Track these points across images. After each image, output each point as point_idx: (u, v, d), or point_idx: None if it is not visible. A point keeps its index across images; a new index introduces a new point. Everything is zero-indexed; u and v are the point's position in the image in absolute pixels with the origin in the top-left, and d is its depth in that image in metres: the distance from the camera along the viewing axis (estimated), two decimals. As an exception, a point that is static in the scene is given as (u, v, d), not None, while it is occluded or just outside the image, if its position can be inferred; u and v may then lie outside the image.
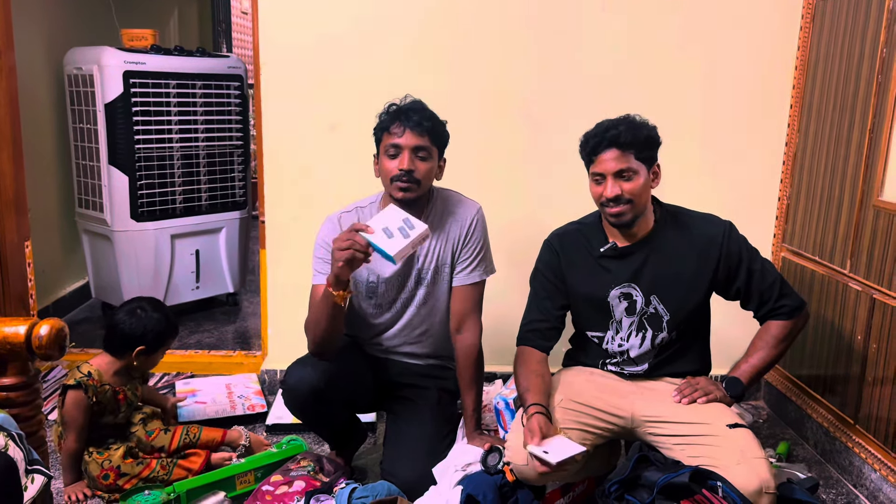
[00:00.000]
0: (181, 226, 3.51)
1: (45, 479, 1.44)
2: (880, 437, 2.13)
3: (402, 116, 1.95)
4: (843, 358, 2.31)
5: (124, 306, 2.25)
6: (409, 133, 1.94)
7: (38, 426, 1.65)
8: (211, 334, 3.51)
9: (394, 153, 1.96)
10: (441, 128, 2.01)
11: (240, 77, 3.63)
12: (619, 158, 1.83)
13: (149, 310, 2.21)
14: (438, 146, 2.02)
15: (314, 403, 1.98)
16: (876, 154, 2.15)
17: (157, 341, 2.21)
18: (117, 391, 2.17)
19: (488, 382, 2.62)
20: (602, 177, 1.86)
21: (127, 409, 2.22)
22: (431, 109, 2.01)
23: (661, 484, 1.67)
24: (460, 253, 2.06)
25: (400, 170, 1.94)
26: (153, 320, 2.19)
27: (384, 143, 1.98)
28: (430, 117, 1.98)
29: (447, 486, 1.91)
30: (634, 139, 1.84)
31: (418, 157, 1.96)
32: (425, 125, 1.95)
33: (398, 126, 1.95)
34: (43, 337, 1.52)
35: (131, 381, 2.24)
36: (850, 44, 2.31)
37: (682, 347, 1.99)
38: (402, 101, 2.00)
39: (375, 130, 2.02)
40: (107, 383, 2.14)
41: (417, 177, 1.95)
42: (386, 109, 2.01)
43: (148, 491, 2.00)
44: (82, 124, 3.37)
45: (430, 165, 1.99)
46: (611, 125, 1.86)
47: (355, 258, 1.79)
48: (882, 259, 2.12)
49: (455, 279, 2.07)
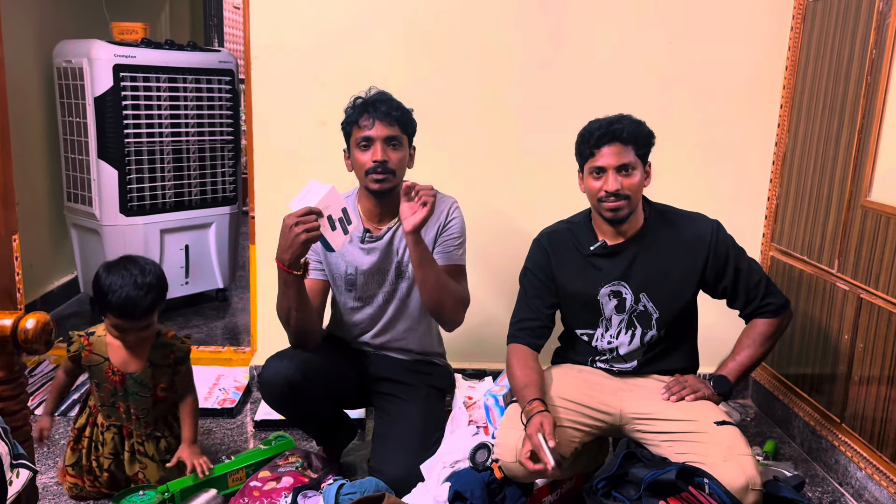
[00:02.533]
0: (171, 221, 3.50)
1: (31, 474, 1.43)
2: (866, 436, 2.14)
3: (370, 108, 1.96)
4: (830, 357, 2.33)
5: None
6: (378, 124, 1.95)
7: (24, 421, 1.63)
8: (200, 330, 3.50)
9: (365, 145, 1.97)
10: (409, 116, 2.02)
11: (231, 72, 3.61)
12: (621, 153, 1.84)
13: (129, 269, 1.91)
14: (408, 134, 2.03)
15: (291, 396, 1.97)
16: (864, 154, 2.16)
17: (106, 307, 1.91)
18: (115, 371, 1.98)
19: (477, 379, 2.62)
20: (602, 171, 1.86)
21: (111, 395, 2.01)
22: (396, 98, 2.01)
23: (648, 480, 1.68)
24: (438, 243, 2.06)
25: (374, 161, 1.95)
26: (117, 282, 1.89)
27: (354, 137, 1.99)
28: (397, 107, 1.99)
29: (435, 483, 1.91)
30: (636, 135, 1.86)
31: (390, 146, 1.97)
32: (394, 115, 1.96)
33: (367, 118, 1.96)
34: (29, 331, 1.50)
35: (154, 369, 2.00)
36: (839, 45, 2.32)
37: (671, 345, 2.00)
38: (368, 94, 2.01)
39: (344, 125, 2.03)
40: (100, 354, 1.99)
41: (392, 167, 1.97)
42: (352, 103, 2.02)
43: (142, 491, 1.98)
44: (71, 118, 3.35)
45: (402, 154, 2.00)
46: (614, 120, 1.87)
47: (309, 240, 1.79)
48: (869, 259, 2.14)
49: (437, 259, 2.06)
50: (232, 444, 2.45)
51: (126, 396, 2.03)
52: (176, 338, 2.08)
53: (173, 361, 2.06)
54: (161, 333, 2.06)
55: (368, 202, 2.06)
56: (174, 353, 2.06)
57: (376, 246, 2.06)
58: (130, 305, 1.89)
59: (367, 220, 2.08)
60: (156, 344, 2.03)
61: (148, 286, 1.91)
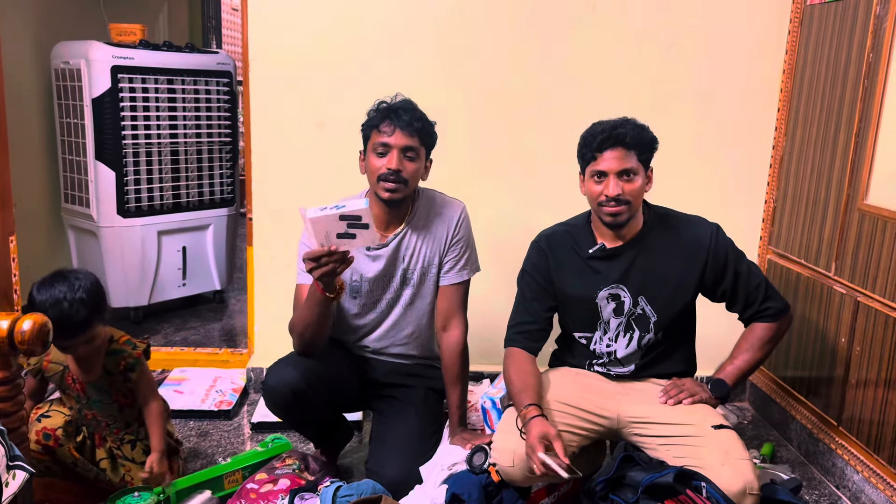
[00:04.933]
0: (168, 222, 3.49)
1: (27, 476, 1.42)
2: (863, 439, 2.14)
3: (392, 115, 1.95)
4: (828, 360, 2.33)
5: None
6: (399, 133, 1.93)
7: (20, 422, 1.63)
8: (197, 331, 3.49)
9: (382, 151, 1.95)
10: (430, 128, 2.00)
11: (229, 73, 3.61)
12: (624, 158, 1.84)
13: (57, 286, 1.80)
14: (426, 146, 2.01)
15: (295, 404, 1.96)
16: (861, 158, 2.17)
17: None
18: (75, 379, 1.92)
19: (476, 382, 2.62)
20: (604, 175, 1.85)
21: (77, 401, 1.95)
22: (421, 109, 2.00)
23: (646, 484, 1.68)
24: (447, 253, 2.06)
25: (388, 169, 1.93)
26: (46, 301, 1.79)
27: (373, 141, 1.97)
28: (420, 117, 1.97)
29: (432, 485, 1.91)
30: (639, 140, 1.85)
31: (407, 157, 1.95)
32: (415, 125, 1.95)
33: (388, 125, 1.94)
34: (25, 332, 1.50)
35: (110, 376, 1.94)
36: (836, 48, 2.33)
37: (669, 349, 2.00)
38: (393, 100, 1.99)
39: (364, 127, 2.01)
40: (59, 362, 1.91)
41: (405, 176, 1.95)
42: (376, 106, 2.00)
43: (137, 493, 1.96)
44: (69, 119, 3.34)
45: (417, 166, 1.98)
46: (618, 124, 1.86)
47: (336, 271, 1.78)
48: (866, 262, 2.14)
49: (442, 279, 2.07)
50: (229, 446, 2.45)
51: (90, 404, 1.97)
52: (128, 343, 1.98)
53: (124, 368, 1.95)
54: (113, 339, 1.96)
55: (377, 208, 2.03)
56: (124, 359, 1.95)
57: (382, 253, 2.05)
58: (63, 324, 1.75)
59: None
60: (108, 350, 1.94)
61: (79, 301, 1.79)
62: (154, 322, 3.55)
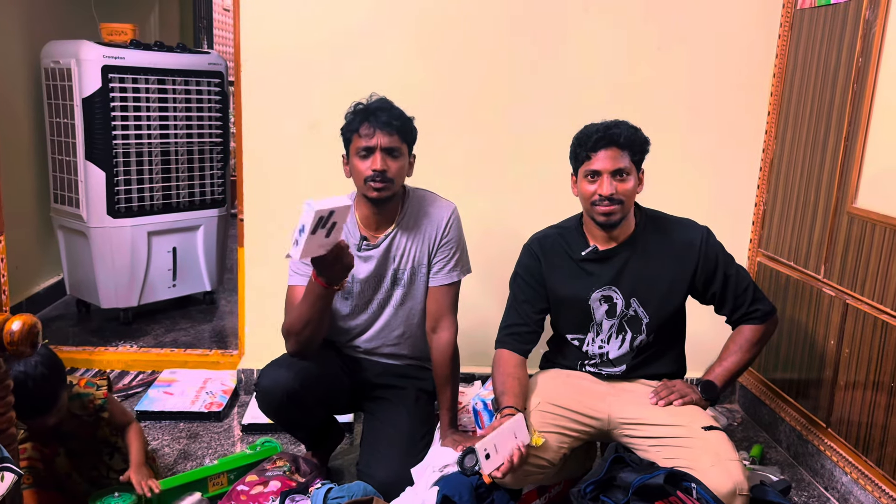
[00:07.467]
0: (158, 223, 3.47)
1: (15, 477, 1.41)
2: (851, 441, 2.16)
3: (370, 117, 1.95)
4: (816, 362, 2.34)
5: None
6: (379, 133, 1.94)
7: (9, 424, 1.61)
8: (187, 333, 3.48)
9: (365, 154, 1.96)
10: (409, 125, 2.01)
11: (220, 74, 3.60)
12: (617, 157, 1.86)
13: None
14: (408, 143, 2.02)
15: (289, 406, 1.96)
16: (851, 161, 2.18)
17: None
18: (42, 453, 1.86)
19: (467, 384, 2.62)
20: (597, 174, 1.87)
21: (51, 440, 1.88)
22: (398, 107, 2.00)
23: (636, 485, 1.68)
24: (436, 253, 2.06)
25: (373, 171, 1.94)
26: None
27: (354, 145, 1.98)
28: (398, 115, 1.98)
29: (423, 487, 1.90)
30: (633, 141, 1.87)
31: (390, 156, 1.96)
32: (395, 124, 1.95)
33: (367, 127, 1.95)
34: (15, 332, 1.48)
35: (78, 419, 1.90)
36: (826, 52, 2.34)
37: (660, 350, 2.01)
38: (369, 100, 2.00)
39: (343, 131, 2.02)
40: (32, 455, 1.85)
41: (391, 176, 1.96)
42: (353, 109, 2.01)
43: (118, 493, 1.93)
44: (59, 119, 3.32)
45: (401, 163, 1.99)
46: (611, 124, 1.88)
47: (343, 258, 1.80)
48: (855, 265, 2.15)
49: (432, 279, 2.07)
50: (219, 448, 2.44)
51: (62, 439, 1.93)
52: (89, 384, 1.97)
53: (94, 410, 1.95)
54: (72, 384, 1.93)
55: (366, 209, 2.05)
56: (91, 402, 1.94)
57: (373, 254, 2.06)
58: (30, 403, 1.71)
59: (364, 228, 2.07)
60: (72, 396, 1.92)
61: (41, 377, 1.74)
62: (144, 323, 3.53)
